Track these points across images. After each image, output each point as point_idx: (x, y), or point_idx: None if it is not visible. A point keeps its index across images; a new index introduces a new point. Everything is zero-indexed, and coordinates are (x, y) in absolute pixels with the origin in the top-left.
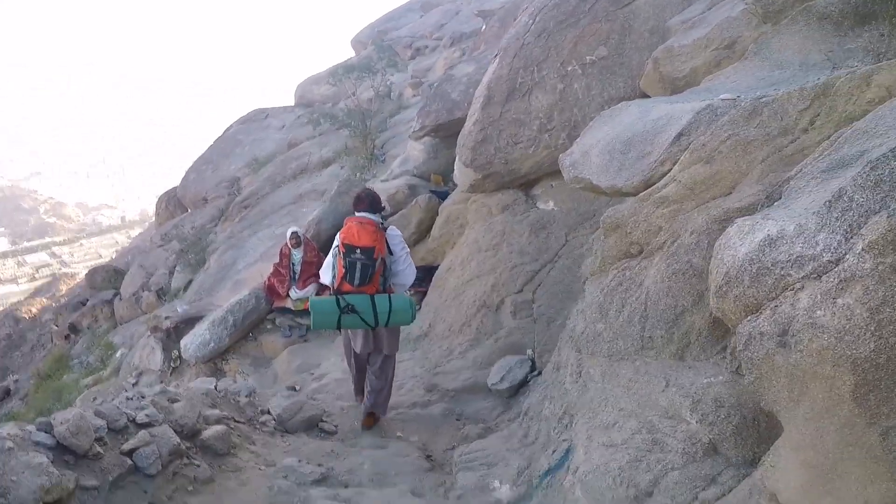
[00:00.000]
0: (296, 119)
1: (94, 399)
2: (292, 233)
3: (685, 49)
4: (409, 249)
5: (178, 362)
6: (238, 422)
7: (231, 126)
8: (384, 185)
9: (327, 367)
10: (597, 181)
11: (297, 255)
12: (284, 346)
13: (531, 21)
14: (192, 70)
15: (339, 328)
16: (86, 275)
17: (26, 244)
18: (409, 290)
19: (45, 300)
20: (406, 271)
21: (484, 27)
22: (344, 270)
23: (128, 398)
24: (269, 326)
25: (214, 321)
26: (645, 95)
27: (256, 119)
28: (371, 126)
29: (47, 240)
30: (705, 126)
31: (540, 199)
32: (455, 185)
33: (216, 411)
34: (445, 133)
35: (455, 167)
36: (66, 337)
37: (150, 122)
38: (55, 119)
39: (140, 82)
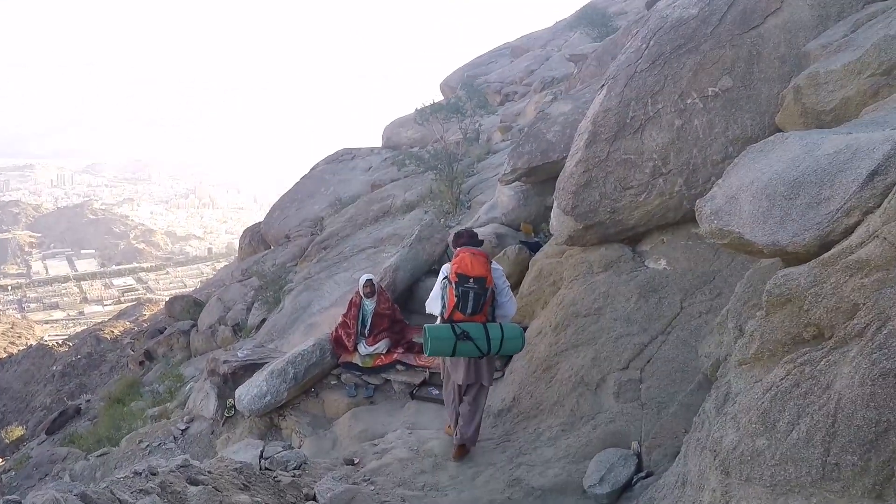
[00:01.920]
0: (382, 161)
1: (140, 441)
2: (367, 280)
3: (833, 76)
4: (509, 284)
5: (233, 412)
6: None
7: (318, 165)
8: None
9: (392, 441)
10: (750, 235)
11: (370, 305)
12: (348, 407)
13: (644, 45)
14: (284, 106)
15: (453, 355)
16: (166, 303)
17: (115, 267)
18: None
19: (127, 323)
20: (508, 303)
21: (576, 71)
22: (456, 300)
23: (135, 473)
24: (332, 382)
25: (273, 372)
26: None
27: (343, 159)
28: (457, 170)
29: (135, 265)
30: None
31: (649, 256)
32: (546, 237)
33: (245, 497)
34: (538, 177)
35: (552, 215)
36: (141, 363)
37: (240, 157)
38: (148, 148)
39: (232, 117)
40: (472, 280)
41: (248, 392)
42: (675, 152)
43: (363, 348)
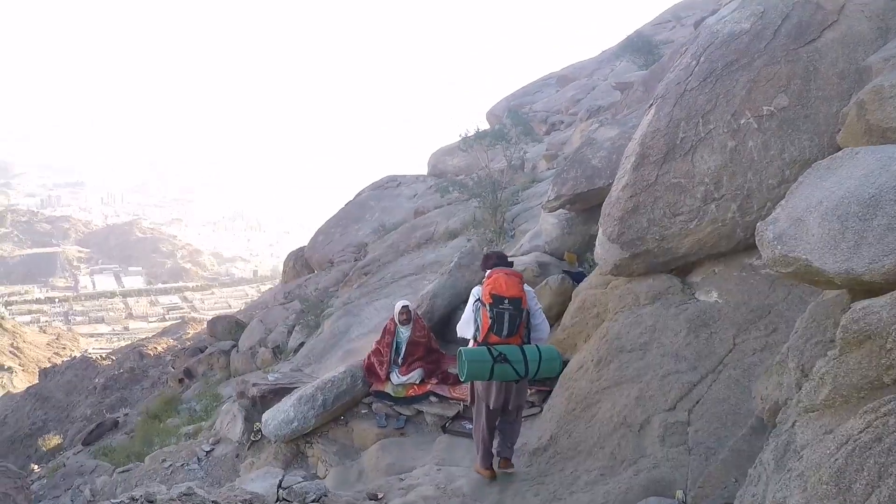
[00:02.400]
0: (427, 189)
1: (164, 460)
2: (403, 307)
3: None
4: (541, 306)
5: (259, 436)
6: None
7: (363, 191)
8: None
9: (419, 476)
10: (819, 262)
11: (404, 332)
12: (377, 438)
13: (694, 62)
14: (331, 134)
15: (490, 378)
16: (208, 322)
17: (161, 285)
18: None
19: (171, 341)
20: (542, 325)
21: (622, 98)
22: (490, 321)
23: (132, 499)
24: (363, 411)
25: (302, 398)
26: None
27: (388, 186)
28: (501, 198)
29: (181, 284)
30: None
31: (700, 288)
32: (591, 267)
33: None
34: (583, 205)
35: (597, 242)
36: (181, 381)
37: (288, 182)
38: (198, 169)
39: (277, 140)
40: (507, 301)
41: (275, 417)
42: (728, 176)
43: (396, 377)
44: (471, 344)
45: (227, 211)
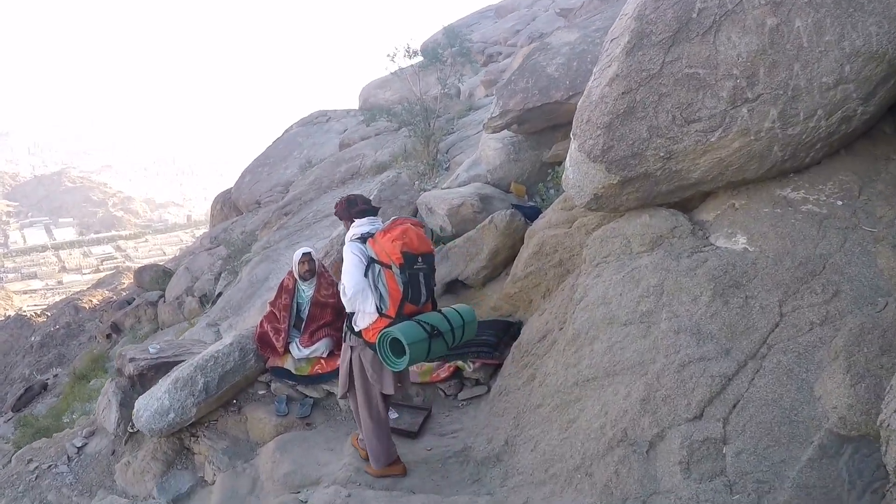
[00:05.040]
0: (357, 123)
1: (30, 461)
2: (304, 255)
3: None
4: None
5: (136, 427)
6: None
7: (291, 127)
8: (445, 194)
9: (327, 497)
10: None
11: (307, 291)
12: (276, 430)
13: None
14: (260, 70)
15: (426, 359)
16: (134, 273)
17: (93, 235)
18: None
19: (106, 292)
20: None
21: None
22: (403, 287)
23: None
24: (261, 392)
25: (178, 381)
26: None
27: (317, 121)
28: (435, 126)
29: (114, 233)
30: None
31: (716, 230)
32: (545, 201)
33: None
34: (534, 125)
35: (567, 163)
36: (108, 336)
37: (222, 122)
38: (128, 114)
39: (209, 80)
40: (420, 259)
41: (147, 406)
42: (766, 67)
43: (297, 349)
44: (366, 320)
45: (159, 155)
